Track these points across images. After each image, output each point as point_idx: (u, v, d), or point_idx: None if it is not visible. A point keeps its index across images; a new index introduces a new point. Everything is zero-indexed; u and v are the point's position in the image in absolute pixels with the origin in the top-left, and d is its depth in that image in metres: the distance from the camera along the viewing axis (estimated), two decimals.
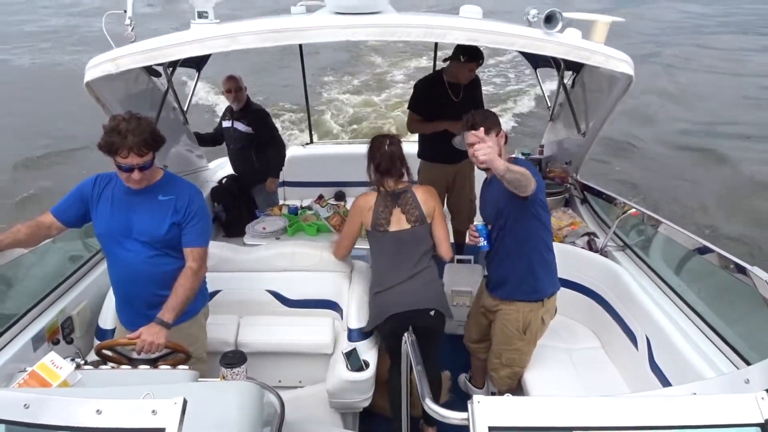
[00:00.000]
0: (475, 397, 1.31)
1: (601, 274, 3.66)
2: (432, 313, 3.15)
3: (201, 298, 3.03)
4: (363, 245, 4.24)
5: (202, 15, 3.10)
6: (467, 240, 3.24)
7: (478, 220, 3.45)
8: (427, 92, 4.59)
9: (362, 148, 5.42)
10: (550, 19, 3.07)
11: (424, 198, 3.26)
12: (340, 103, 13.80)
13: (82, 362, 2.40)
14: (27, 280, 3.40)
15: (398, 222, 3.22)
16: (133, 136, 2.54)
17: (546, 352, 3.47)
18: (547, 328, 3.34)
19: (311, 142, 6.59)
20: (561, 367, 3.41)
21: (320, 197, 5.08)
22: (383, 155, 3.22)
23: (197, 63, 4.96)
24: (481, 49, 4.31)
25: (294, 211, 4.82)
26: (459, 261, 4.47)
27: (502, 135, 3.01)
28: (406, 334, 2.41)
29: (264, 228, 4.51)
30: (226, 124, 5.21)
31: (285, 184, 5.86)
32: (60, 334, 3.18)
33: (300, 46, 5.85)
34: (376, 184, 3.28)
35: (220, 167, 5.77)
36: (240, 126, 5.10)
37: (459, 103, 4.45)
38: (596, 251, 3.88)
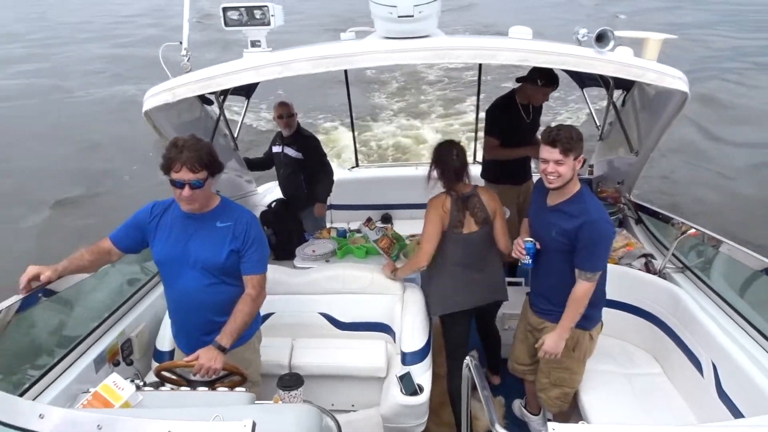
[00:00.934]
0: (550, 425, 1.28)
1: (661, 296, 3.54)
2: (496, 304, 3.70)
3: (254, 323, 3.04)
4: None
5: (254, 44, 3.17)
6: (513, 252, 3.22)
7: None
8: (503, 116, 4.61)
9: (407, 171, 5.42)
10: (601, 38, 3.04)
11: (488, 200, 3.47)
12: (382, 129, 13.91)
13: (142, 383, 2.45)
14: (88, 302, 3.51)
15: (469, 224, 3.42)
16: (189, 151, 2.59)
17: (604, 377, 3.36)
18: (596, 347, 3.25)
19: (357, 165, 6.65)
20: (621, 393, 3.29)
21: (369, 220, 5.09)
22: (455, 160, 3.39)
23: (246, 91, 5.09)
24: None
25: (342, 234, 4.85)
26: (511, 284, 4.40)
27: (581, 159, 2.91)
28: (468, 358, 2.37)
29: (314, 251, 4.54)
30: (276, 149, 5.30)
31: (332, 207, 5.91)
32: (120, 356, 3.25)
33: (345, 72, 5.97)
34: (446, 188, 3.46)
35: (268, 191, 5.88)
36: (290, 151, 5.19)
37: (530, 124, 4.62)
38: (654, 273, 3.76)
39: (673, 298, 3.45)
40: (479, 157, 5.87)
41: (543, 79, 4.30)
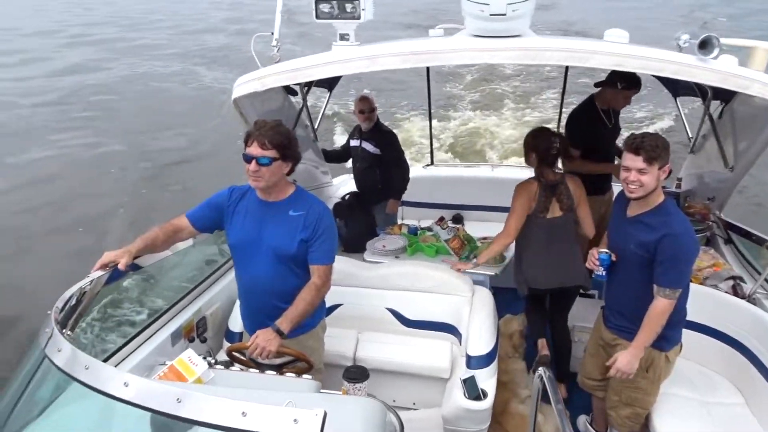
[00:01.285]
0: None
1: (749, 322, 3.32)
2: (575, 287, 3.81)
3: (319, 312, 3.07)
4: (485, 271, 4.20)
5: (343, 37, 3.20)
6: (586, 263, 3.11)
7: None
8: (584, 123, 4.43)
9: (482, 172, 5.32)
10: (705, 45, 2.86)
11: (574, 188, 3.67)
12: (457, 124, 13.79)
13: (213, 361, 2.52)
14: (169, 279, 3.67)
15: (553, 210, 3.62)
16: (265, 130, 2.67)
17: (680, 402, 3.19)
18: (674, 369, 3.08)
19: (432, 163, 6.61)
20: (697, 420, 3.11)
21: (441, 219, 5.06)
22: (554, 148, 3.60)
23: (330, 83, 5.16)
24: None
25: (413, 232, 4.84)
26: (583, 295, 4.26)
27: (666, 170, 2.77)
28: (541, 369, 2.31)
29: (384, 246, 4.56)
30: (354, 143, 5.35)
31: (404, 203, 5.91)
32: (195, 333, 3.38)
33: (427, 69, 5.94)
34: (537, 174, 3.67)
35: (342, 184, 5.94)
36: (368, 146, 5.22)
37: (612, 130, 4.44)
38: (743, 297, 3.54)
39: (763, 325, 3.23)
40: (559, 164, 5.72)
41: (624, 81, 4.08)
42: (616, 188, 4.34)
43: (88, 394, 1.60)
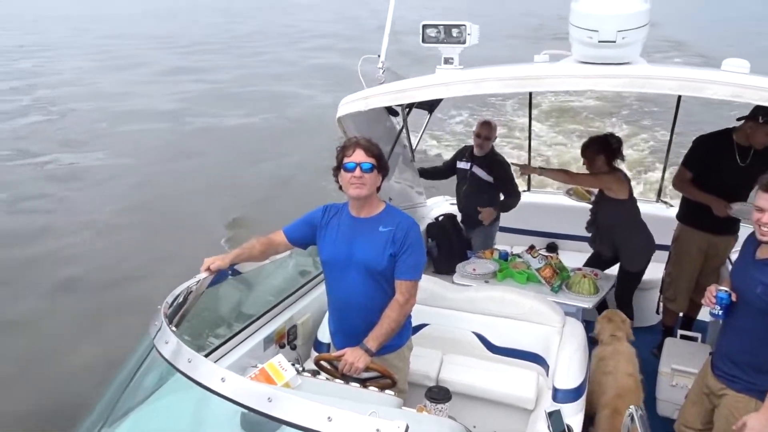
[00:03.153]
0: None
1: None
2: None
3: (406, 332, 3.09)
4: (578, 303, 4.07)
5: (448, 61, 3.25)
6: (703, 300, 2.90)
7: None
8: (709, 149, 4.18)
9: (580, 202, 5.15)
10: None
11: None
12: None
13: (301, 368, 2.62)
14: (265, 286, 3.84)
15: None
16: (364, 140, 2.84)
17: None
18: None
19: (528, 189, 6.50)
20: None
21: (531, 247, 4.95)
22: (615, 146, 4.27)
23: (430, 106, 5.22)
24: None
25: (504, 257, 4.78)
26: (684, 337, 4.01)
27: None
28: (633, 407, 2.20)
29: (474, 269, 4.53)
30: (462, 165, 5.25)
31: (499, 228, 5.85)
32: (285, 339, 3.51)
33: (530, 96, 5.88)
34: (610, 167, 4.26)
35: (436, 205, 5.96)
36: (480, 172, 5.11)
37: (745, 168, 3.99)
38: None
39: None
40: (664, 194, 5.46)
41: (767, 116, 3.78)
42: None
43: (187, 386, 1.72)
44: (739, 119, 4.08)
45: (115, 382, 2.18)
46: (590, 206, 4.62)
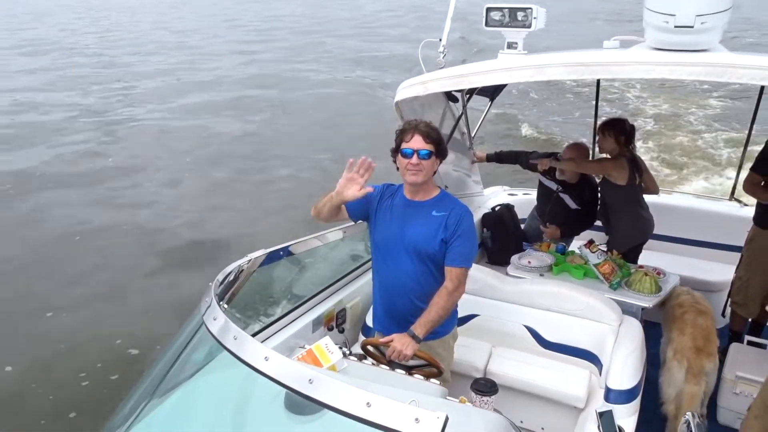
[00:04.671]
0: None
1: None
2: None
3: (451, 321, 3.06)
4: (638, 302, 3.91)
5: (511, 45, 3.14)
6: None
7: None
8: None
9: (648, 198, 4.95)
10: None
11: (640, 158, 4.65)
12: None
13: (348, 352, 2.62)
14: (317, 269, 3.86)
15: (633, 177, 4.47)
16: (424, 125, 2.80)
17: None
18: None
19: None
20: None
21: (590, 242, 4.77)
22: (628, 130, 4.48)
23: (492, 92, 5.09)
24: None
25: (561, 251, 4.63)
26: (751, 343, 3.80)
27: None
28: (689, 414, 2.09)
29: (529, 262, 4.41)
30: (548, 183, 4.97)
31: None
32: (334, 322, 3.53)
33: (597, 84, 5.65)
34: (620, 152, 4.44)
35: (493, 195, 5.84)
36: (567, 199, 4.87)
37: None
38: None
39: None
40: (738, 192, 5.15)
41: None
42: None
43: (234, 363, 1.74)
44: None
45: (165, 355, 2.23)
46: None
